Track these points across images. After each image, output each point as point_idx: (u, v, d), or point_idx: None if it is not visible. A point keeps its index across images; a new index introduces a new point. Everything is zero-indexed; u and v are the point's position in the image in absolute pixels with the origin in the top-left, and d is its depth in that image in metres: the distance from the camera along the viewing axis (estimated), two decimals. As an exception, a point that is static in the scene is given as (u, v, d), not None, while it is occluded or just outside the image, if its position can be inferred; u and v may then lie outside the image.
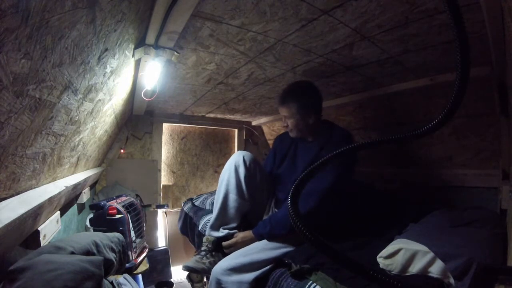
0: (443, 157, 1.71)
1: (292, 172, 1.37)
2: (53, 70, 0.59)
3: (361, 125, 2.13)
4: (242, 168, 1.28)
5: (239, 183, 1.27)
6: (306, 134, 1.34)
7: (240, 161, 1.29)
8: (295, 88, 1.31)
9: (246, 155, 1.32)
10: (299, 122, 1.29)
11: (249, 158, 1.32)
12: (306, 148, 1.35)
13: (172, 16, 0.91)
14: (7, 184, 0.64)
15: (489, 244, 0.88)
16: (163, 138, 2.64)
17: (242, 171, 1.27)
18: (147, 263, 1.50)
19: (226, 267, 1.03)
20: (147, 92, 1.49)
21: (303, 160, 1.34)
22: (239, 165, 1.29)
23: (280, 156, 1.47)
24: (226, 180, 1.28)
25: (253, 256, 1.05)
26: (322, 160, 0.63)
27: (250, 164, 1.30)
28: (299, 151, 1.39)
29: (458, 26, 0.39)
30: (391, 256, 0.90)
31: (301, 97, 1.27)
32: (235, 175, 1.27)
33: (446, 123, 0.47)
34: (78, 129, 0.97)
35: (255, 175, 1.33)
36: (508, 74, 0.94)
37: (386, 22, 1.00)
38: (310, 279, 0.88)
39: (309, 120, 1.29)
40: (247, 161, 1.30)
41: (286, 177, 1.39)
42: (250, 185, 1.29)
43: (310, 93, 1.30)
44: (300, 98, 1.27)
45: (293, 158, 1.41)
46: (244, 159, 1.30)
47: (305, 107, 1.27)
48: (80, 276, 0.63)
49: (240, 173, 1.27)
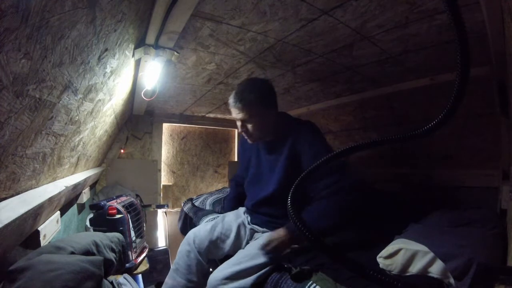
0: (443, 157, 1.71)
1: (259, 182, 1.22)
2: (53, 70, 0.59)
3: (361, 125, 2.13)
4: (194, 253, 1.18)
5: (189, 269, 1.17)
6: (267, 135, 1.16)
7: (192, 245, 1.18)
8: (249, 86, 1.11)
9: (197, 239, 1.19)
10: (260, 124, 1.11)
11: (200, 241, 1.19)
12: (272, 154, 1.18)
13: (172, 16, 0.91)
14: (7, 184, 0.63)
15: (489, 244, 0.88)
16: (163, 138, 2.64)
17: (194, 256, 1.17)
18: (147, 263, 1.50)
19: (222, 277, 0.99)
20: (147, 92, 1.49)
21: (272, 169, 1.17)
22: (190, 251, 1.18)
23: (244, 164, 1.34)
24: (176, 267, 1.19)
25: (247, 264, 0.99)
26: (323, 160, 0.63)
27: (203, 246, 1.18)
28: (263, 157, 1.23)
29: (458, 26, 0.39)
30: (391, 256, 0.90)
31: (259, 95, 1.08)
32: (186, 259, 1.18)
33: (446, 123, 0.47)
34: (78, 129, 0.97)
35: (217, 249, 1.21)
36: (508, 74, 0.94)
37: (386, 22, 1.00)
38: (310, 279, 0.88)
39: (271, 119, 1.13)
40: (197, 247, 1.18)
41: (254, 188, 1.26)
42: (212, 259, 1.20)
43: (266, 88, 1.13)
44: (258, 96, 1.08)
45: (257, 166, 1.25)
46: (196, 243, 1.18)
47: (265, 106, 1.10)
48: (80, 276, 0.63)
49: (192, 259, 1.17)
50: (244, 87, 1.10)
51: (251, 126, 1.11)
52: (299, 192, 0.65)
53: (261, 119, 1.10)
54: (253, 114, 1.08)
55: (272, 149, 1.18)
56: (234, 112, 1.11)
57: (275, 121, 1.14)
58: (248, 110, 1.08)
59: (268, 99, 1.11)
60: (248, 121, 1.10)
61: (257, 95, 1.07)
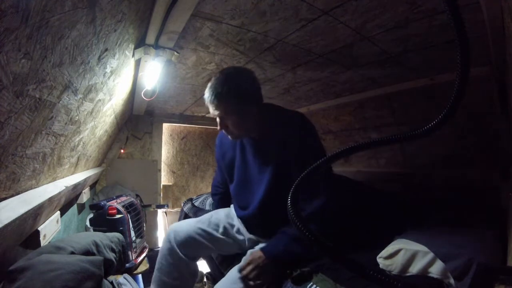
0: (443, 157, 1.71)
1: (248, 185, 1.10)
2: (53, 70, 0.59)
3: (361, 125, 2.13)
4: (176, 250, 1.09)
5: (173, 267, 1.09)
6: (251, 131, 1.03)
7: (173, 242, 1.11)
8: (224, 79, 0.95)
9: (178, 235, 1.11)
10: (241, 120, 0.97)
11: (182, 238, 1.11)
12: (260, 152, 1.05)
13: (172, 16, 0.91)
14: (7, 184, 0.63)
15: (489, 244, 0.88)
16: (163, 138, 2.64)
17: (176, 253, 1.09)
18: (147, 263, 1.50)
19: None
20: (147, 92, 1.49)
21: (262, 169, 1.04)
22: (171, 248, 1.10)
23: (227, 169, 1.18)
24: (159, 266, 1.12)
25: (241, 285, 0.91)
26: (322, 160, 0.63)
27: (185, 243, 1.10)
28: (250, 156, 1.08)
29: (458, 26, 0.39)
30: (391, 256, 0.90)
31: (236, 88, 0.94)
32: (168, 258, 1.10)
33: (446, 123, 0.47)
34: (78, 129, 0.97)
35: (200, 248, 1.14)
36: (508, 74, 0.94)
37: (386, 22, 1.00)
38: (310, 281, 0.88)
39: (252, 113, 0.98)
40: (180, 242, 1.10)
41: (242, 193, 1.13)
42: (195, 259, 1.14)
43: (245, 79, 0.98)
44: (235, 90, 0.93)
45: (244, 168, 1.10)
46: (176, 240, 1.11)
47: (245, 99, 0.95)
48: (80, 276, 0.63)
49: (174, 255, 1.10)
50: (218, 80, 0.96)
51: (231, 123, 0.98)
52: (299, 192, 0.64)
53: (241, 114, 0.96)
54: (231, 110, 0.95)
55: (259, 148, 1.06)
56: (210, 108, 0.99)
57: (258, 115, 1.00)
58: (224, 106, 0.95)
59: (248, 92, 0.96)
60: (226, 118, 0.97)
61: (234, 88, 0.93)
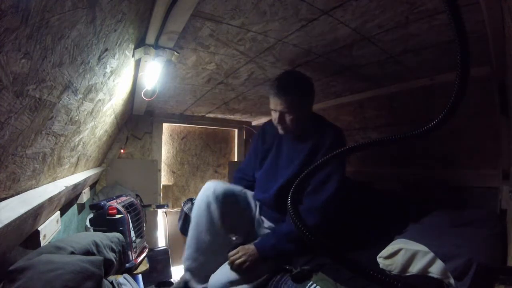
0: (443, 157, 1.71)
1: (275, 173, 1.23)
2: (53, 70, 0.59)
3: (361, 125, 2.13)
4: (214, 205, 1.13)
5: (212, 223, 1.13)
6: (300, 129, 1.19)
7: (211, 197, 1.14)
8: (296, 79, 1.15)
9: (218, 188, 1.16)
10: (299, 118, 1.14)
11: (221, 192, 1.16)
12: (294, 148, 1.21)
13: (172, 16, 0.91)
14: (7, 184, 0.63)
15: (489, 244, 0.88)
16: (163, 138, 2.64)
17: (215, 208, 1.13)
18: (147, 263, 1.50)
19: (225, 280, 0.99)
20: (147, 92, 1.49)
21: (291, 162, 1.19)
22: (210, 203, 1.14)
23: (262, 154, 1.32)
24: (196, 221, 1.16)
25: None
26: (323, 160, 0.63)
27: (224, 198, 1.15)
28: (285, 150, 1.24)
29: (458, 26, 0.39)
30: (391, 256, 0.90)
31: (304, 89, 1.14)
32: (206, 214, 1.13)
33: (447, 123, 0.47)
34: (78, 129, 0.97)
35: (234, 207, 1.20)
36: (508, 74, 0.94)
37: (386, 22, 1.00)
38: (310, 280, 0.88)
39: (308, 115, 1.18)
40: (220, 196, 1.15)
41: (267, 179, 1.25)
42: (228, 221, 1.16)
43: (309, 85, 1.17)
44: (303, 91, 1.13)
45: (276, 158, 1.26)
46: (216, 193, 1.14)
47: (306, 102, 1.15)
48: (80, 276, 0.63)
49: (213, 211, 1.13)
50: (289, 81, 1.13)
51: (289, 119, 1.13)
52: (299, 191, 0.65)
53: (301, 113, 1.13)
54: (294, 108, 1.11)
55: (294, 146, 1.21)
56: (276, 102, 1.12)
57: (308, 120, 1.19)
58: (290, 103, 1.10)
59: (309, 97, 1.17)
60: (287, 113, 1.12)
61: (302, 90, 1.12)
